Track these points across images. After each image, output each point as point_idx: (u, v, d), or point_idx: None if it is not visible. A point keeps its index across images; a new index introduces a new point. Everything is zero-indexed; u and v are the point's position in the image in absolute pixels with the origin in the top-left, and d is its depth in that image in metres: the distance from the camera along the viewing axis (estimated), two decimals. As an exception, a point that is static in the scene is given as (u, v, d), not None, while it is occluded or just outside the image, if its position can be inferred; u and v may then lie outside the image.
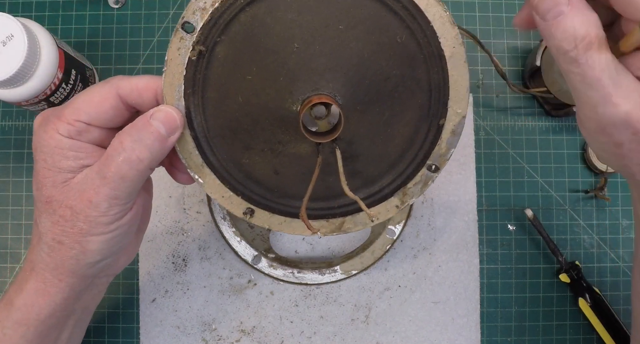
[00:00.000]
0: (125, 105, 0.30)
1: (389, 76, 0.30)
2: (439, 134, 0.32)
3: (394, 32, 0.30)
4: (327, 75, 0.30)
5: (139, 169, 0.29)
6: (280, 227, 0.33)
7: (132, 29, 0.51)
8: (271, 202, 0.33)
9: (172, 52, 0.30)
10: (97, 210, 0.29)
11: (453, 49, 0.30)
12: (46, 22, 0.51)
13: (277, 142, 0.32)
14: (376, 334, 0.49)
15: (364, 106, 0.31)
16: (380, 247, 0.48)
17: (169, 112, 0.29)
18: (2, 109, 0.50)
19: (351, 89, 0.30)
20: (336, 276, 0.48)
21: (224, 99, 0.31)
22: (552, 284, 0.50)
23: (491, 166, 0.50)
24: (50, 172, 0.30)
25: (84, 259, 0.31)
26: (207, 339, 0.48)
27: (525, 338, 0.49)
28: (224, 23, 0.29)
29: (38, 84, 0.40)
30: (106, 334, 0.48)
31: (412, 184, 0.33)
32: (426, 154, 0.32)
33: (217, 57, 0.30)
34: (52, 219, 0.30)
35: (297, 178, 0.32)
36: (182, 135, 0.31)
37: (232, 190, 0.32)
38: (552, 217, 0.50)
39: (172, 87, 0.30)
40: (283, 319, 0.49)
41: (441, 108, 0.31)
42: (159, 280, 0.49)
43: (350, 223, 0.33)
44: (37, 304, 0.32)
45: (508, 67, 0.52)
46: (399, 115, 0.31)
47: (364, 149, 0.32)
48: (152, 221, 0.49)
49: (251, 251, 0.48)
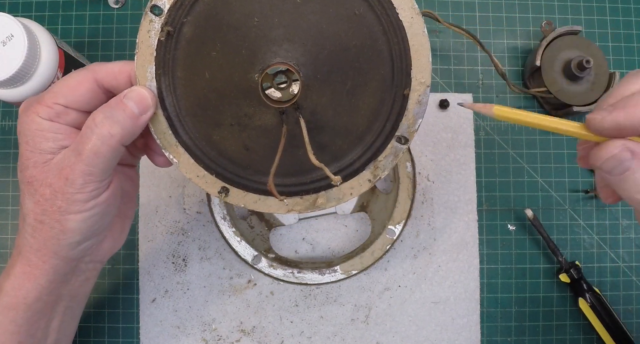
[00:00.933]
0: (102, 89, 0.32)
1: (348, 47, 0.31)
2: (405, 105, 0.32)
3: (351, 4, 0.30)
4: (285, 46, 0.31)
5: (111, 144, 0.30)
6: (255, 206, 0.34)
7: (132, 29, 0.51)
8: (245, 180, 0.33)
9: (143, 34, 0.31)
10: (73, 187, 0.30)
11: (411, 19, 0.31)
12: (46, 22, 0.51)
13: (243, 115, 0.32)
14: (376, 334, 0.49)
15: (325, 76, 0.32)
16: (380, 247, 0.48)
17: (140, 92, 0.31)
18: (2, 109, 0.50)
19: (311, 59, 0.31)
20: (336, 276, 0.48)
21: (193, 77, 0.32)
22: (552, 284, 0.50)
23: (491, 166, 0.50)
24: (32, 154, 0.31)
25: (65, 239, 0.32)
26: (207, 339, 0.48)
27: (525, 338, 0.49)
28: (189, 4, 0.31)
29: (38, 84, 0.40)
30: (106, 334, 0.48)
31: (383, 157, 0.33)
32: (394, 126, 0.32)
33: (185, 37, 0.31)
34: (34, 199, 0.31)
35: (267, 153, 0.33)
36: (156, 115, 0.32)
37: (206, 169, 0.33)
38: (552, 217, 0.50)
39: (144, 68, 0.31)
40: (283, 319, 0.49)
41: (405, 78, 0.31)
42: (159, 280, 0.48)
43: (323, 198, 0.34)
44: (24, 287, 0.33)
45: (508, 67, 0.52)
46: (362, 86, 0.32)
47: (328, 119, 0.32)
48: (152, 220, 0.49)
49: (251, 251, 0.48)
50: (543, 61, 0.49)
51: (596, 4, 0.53)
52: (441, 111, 0.51)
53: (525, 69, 0.51)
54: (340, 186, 0.33)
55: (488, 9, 0.52)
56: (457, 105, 0.50)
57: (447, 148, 0.50)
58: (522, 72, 0.52)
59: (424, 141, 0.50)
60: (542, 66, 0.49)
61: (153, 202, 0.49)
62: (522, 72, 0.52)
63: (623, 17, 0.53)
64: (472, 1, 0.52)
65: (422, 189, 0.50)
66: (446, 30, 0.51)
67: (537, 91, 0.49)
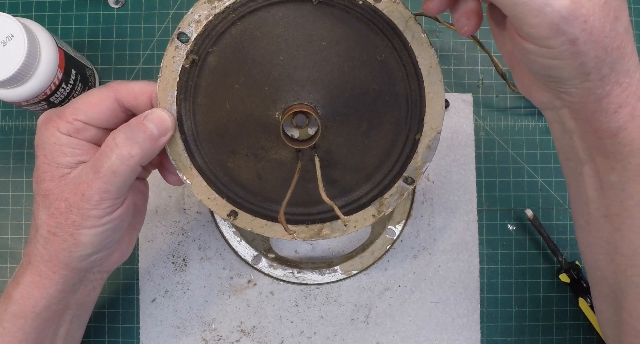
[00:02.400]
0: (121, 107, 0.32)
1: (367, 91, 0.32)
2: (415, 148, 0.33)
3: (374, 50, 0.32)
4: (308, 87, 0.32)
5: (130, 164, 0.31)
6: (262, 231, 0.35)
7: (132, 29, 0.51)
8: (254, 206, 0.34)
9: (167, 59, 0.32)
10: (89, 203, 0.31)
11: (430, 69, 0.32)
12: (46, 22, 0.51)
13: (260, 148, 0.33)
14: (376, 334, 0.49)
15: (343, 117, 0.33)
16: (380, 247, 0.48)
17: (161, 114, 0.31)
18: (2, 109, 0.50)
19: (331, 101, 0.32)
20: (336, 276, 0.48)
21: (213, 105, 0.33)
22: (552, 284, 0.50)
23: (491, 166, 0.50)
24: (49, 167, 0.31)
25: (76, 252, 0.32)
26: (207, 339, 0.48)
27: (525, 338, 0.49)
28: (216, 35, 0.31)
29: (38, 84, 0.40)
30: (106, 334, 0.48)
31: (389, 195, 0.34)
32: (402, 167, 0.34)
33: (209, 66, 0.32)
34: (48, 212, 0.32)
35: (278, 183, 0.34)
36: (173, 137, 0.33)
37: (217, 192, 0.34)
38: (552, 217, 0.50)
39: (166, 92, 0.32)
40: (283, 319, 0.49)
41: (417, 124, 0.33)
42: (159, 280, 0.49)
43: (328, 229, 0.35)
44: (33, 296, 0.33)
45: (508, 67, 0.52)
46: (376, 128, 0.33)
47: (341, 158, 0.34)
48: (152, 220, 0.49)
49: (251, 251, 0.48)
50: (543, 61, 0.49)
51: (596, 4, 0.53)
52: (441, 111, 0.51)
53: (525, 69, 0.51)
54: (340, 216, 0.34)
55: (488, 9, 0.52)
56: (456, 104, 0.50)
57: (447, 148, 0.50)
58: (522, 72, 0.52)
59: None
60: (542, 66, 0.49)
61: (153, 202, 0.49)
62: (522, 72, 0.52)
63: (623, 17, 0.53)
64: (472, 1, 0.52)
65: (422, 189, 0.50)
66: (446, 30, 0.51)
67: (537, 91, 0.49)
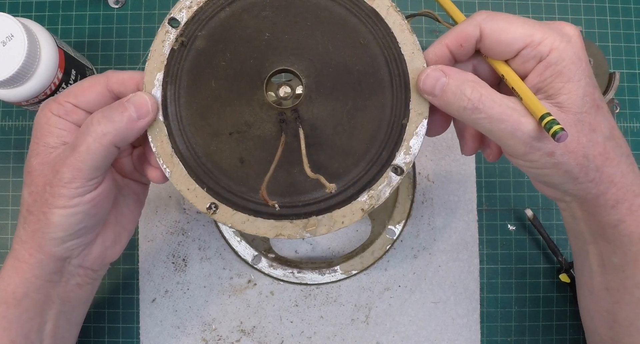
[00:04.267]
0: (111, 94, 0.33)
1: (352, 71, 0.33)
2: (402, 135, 0.33)
3: (358, 34, 0.33)
4: (292, 58, 0.33)
5: (102, 143, 0.31)
6: (243, 227, 0.33)
7: (132, 29, 0.51)
8: (235, 197, 0.33)
9: (157, 43, 0.33)
10: (61, 180, 0.31)
11: (412, 54, 0.32)
12: (46, 22, 0.51)
13: (243, 123, 0.33)
14: (376, 334, 0.49)
15: (327, 90, 0.33)
16: (380, 247, 0.48)
17: (142, 97, 0.32)
18: (2, 109, 0.50)
19: (315, 72, 0.33)
20: (336, 276, 0.48)
21: (199, 86, 0.33)
22: (552, 284, 0.50)
23: (491, 166, 0.50)
24: (37, 146, 0.33)
25: (48, 233, 0.32)
26: (207, 339, 0.48)
27: (525, 338, 0.49)
28: (205, 19, 0.32)
29: (38, 84, 0.40)
30: (106, 334, 0.48)
31: (377, 186, 0.33)
32: (390, 155, 0.33)
33: (196, 49, 0.33)
34: (29, 190, 0.33)
35: (261, 168, 0.33)
36: (156, 123, 0.33)
37: (198, 182, 0.33)
38: (552, 217, 0.50)
39: (152, 75, 0.33)
40: (283, 319, 0.49)
41: (404, 109, 0.32)
42: (159, 280, 0.49)
43: (314, 223, 0.33)
44: (13, 282, 0.34)
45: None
46: (362, 109, 0.33)
47: (327, 137, 0.33)
48: (152, 220, 0.49)
49: (251, 251, 0.48)
50: (543, 61, 0.49)
51: (596, 4, 0.53)
52: (441, 111, 0.51)
53: (525, 69, 0.51)
54: (332, 213, 0.33)
55: (488, 9, 0.52)
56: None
57: (447, 148, 0.50)
58: (522, 72, 0.52)
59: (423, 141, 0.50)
60: (542, 66, 0.49)
61: (153, 202, 0.49)
62: (522, 72, 0.52)
63: (623, 17, 0.53)
64: (472, 1, 0.52)
65: (422, 189, 0.50)
66: (446, 30, 0.51)
67: (537, 91, 0.49)
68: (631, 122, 0.52)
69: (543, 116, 0.28)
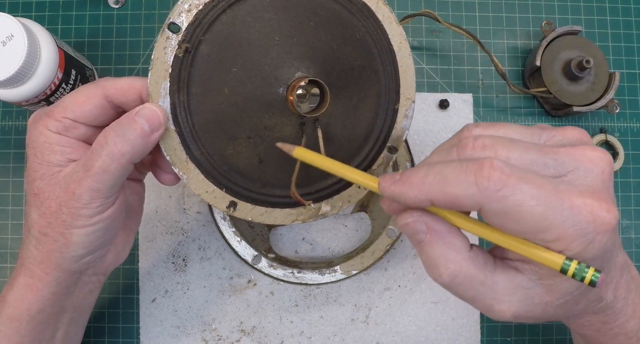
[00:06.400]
0: (111, 104, 0.32)
1: (353, 66, 0.35)
2: (395, 118, 0.36)
3: (354, 29, 0.34)
4: (306, 62, 0.33)
5: (121, 162, 0.30)
6: (261, 219, 0.35)
7: (132, 29, 0.51)
8: (253, 193, 0.34)
9: (159, 51, 0.31)
10: (79, 202, 0.30)
11: (400, 44, 0.35)
12: (46, 22, 0.51)
13: (263, 127, 0.33)
14: (376, 334, 0.49)
15: (337, 90, 0.34)
16: (380, 247, 0.48)
17: (152, 110, 0.31)
18: (2, 109, 0.50)
19: (327, 75, 0.34)
20: (336, 276, 0.48)
21: (209, 93, 0.32)
22: (552, 284, 0.50)
23: (491, 166, 0.50)
24: (40, 166, 0.31)
25: (68, 252, 0.32)
26: (207, 339, 0.48)
27: (525, 338, 0.49)
28: (207, 23, 0.31)
29: (38, 84, 0.40)
30: (106, 334, 0.48)
31: (376, 165, 0.36)
32: (385, 137, 0.36)
33: (202, 54, 0.32)
34: (39, 212, 0.31)
35: (279, 165, 0.34)
36: (167, 131, 0.32)
37: (215, 184, 0.33)
38: (552, 217, 0.50)
39: (158, 84, 0.31)
40: (283, 319, 0.49)
41: (395, 95, 0.36)
42: (159, 280, 0.49)
43: (328, 206, 0.36)
44: (27, 299, 0.33)
45: (508, 67, 0.52)
46: (363, 101, 0.35)
47: (337, 132, 0.35)
48: (152, 220, 0.49)
49: (251, 251, 0.48)
50: (543, 61, 0.49)
51: (596, 4, 0.53)
52: (441, 111, 0.51)
53: (525, 69, 0.51)
54: (341, 194, 0.36)
55: (488, 9, 0.52)
56: (456, 104, 0.50)
57: (447, 148, 0.50)
58: (522, 72, 0.52)
59: (423, 141, 0.50)
60: (542, 66, 0.49)
61: (153, 202, 0.49)
62: (522, 72, 0.52)
63: (623, 17, 0.53)
64: (472, 1, 0.52)
65: (422, 189, 0.50)
66: (446, 30, 0.51)
67: (537, 91, 0.49)
68: (631, 122, 0.52)
69: (563, 266, 0.24)
